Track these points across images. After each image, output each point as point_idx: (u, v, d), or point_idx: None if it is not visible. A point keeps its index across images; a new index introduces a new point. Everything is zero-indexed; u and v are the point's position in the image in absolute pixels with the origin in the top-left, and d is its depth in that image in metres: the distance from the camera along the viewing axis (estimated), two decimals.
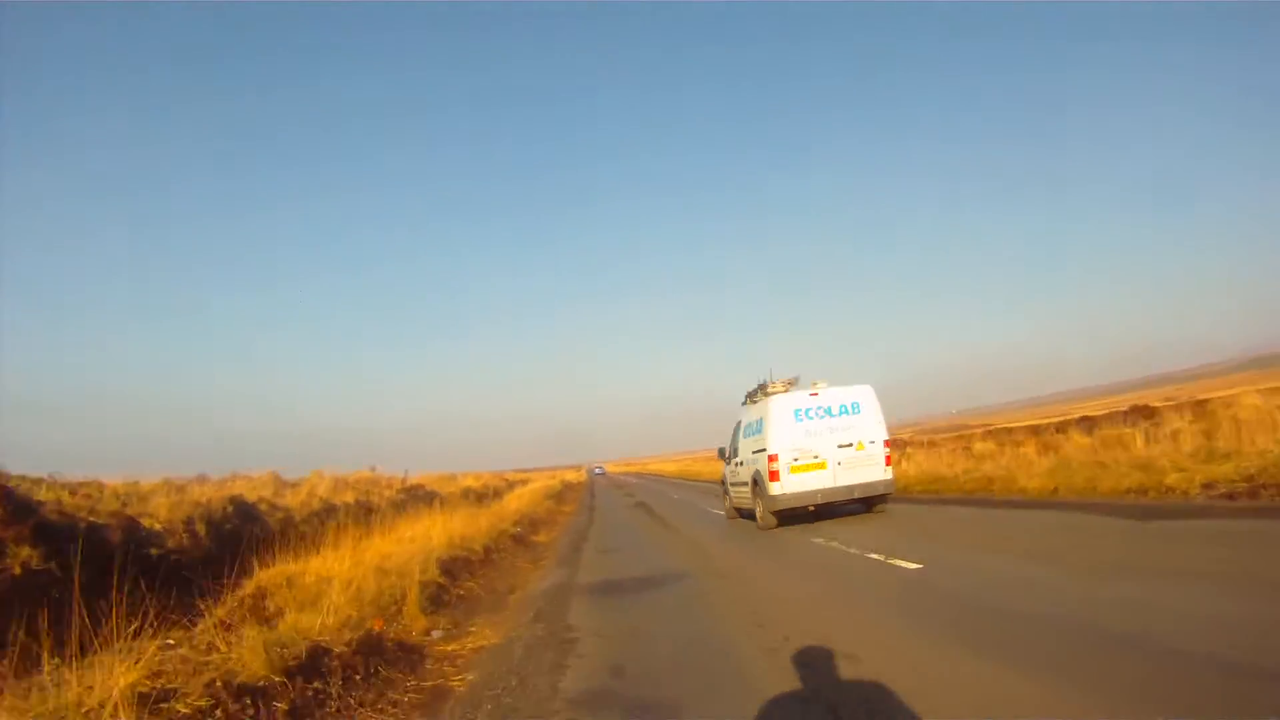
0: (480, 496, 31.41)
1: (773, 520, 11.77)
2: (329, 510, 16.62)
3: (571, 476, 75.66)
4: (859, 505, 11.98)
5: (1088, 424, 18.96)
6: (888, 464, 11.56)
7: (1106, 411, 23.85)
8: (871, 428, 11.53)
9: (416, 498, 24.60)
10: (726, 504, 15.16)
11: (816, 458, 11.34)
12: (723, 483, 15.85)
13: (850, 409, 11.56)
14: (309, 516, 16.45)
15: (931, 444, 24.47)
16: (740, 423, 13.77)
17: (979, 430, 31.77)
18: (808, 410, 11.51)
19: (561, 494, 37.85)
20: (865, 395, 11.73)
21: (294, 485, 20.65)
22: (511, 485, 47.96)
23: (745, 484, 13.00)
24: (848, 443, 11.38)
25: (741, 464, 13.44)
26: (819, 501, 11.40)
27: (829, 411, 11.51)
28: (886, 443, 11.61)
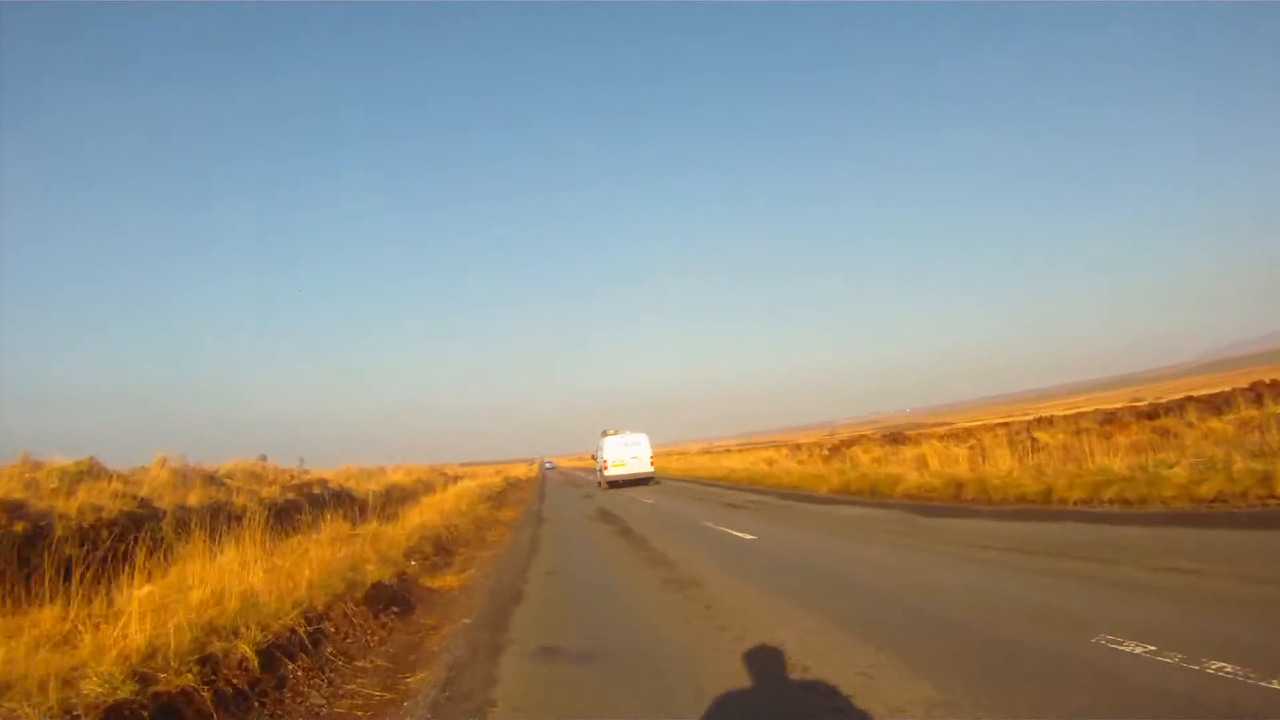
0: (402, 498, 25.33)
1: (606, 485, 30.52)
2: (109, 523, 10.40)
3: (520, 472, 69.36)
4: (644, 482, 31.12)
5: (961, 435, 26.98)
6: (651, 464, 31.13)
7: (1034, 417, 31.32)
8: (644, 449, 30.81)
9: (305, 501, 18.29)
10: (599, 478, 32.94)
11: (621, 461, 30.29)
12: (597, 472, 34.55)
13: (636, 441, 30.92)
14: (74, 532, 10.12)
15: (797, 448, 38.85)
16: (599, 445, 32.15)
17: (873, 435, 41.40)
18: (619, 442, 30.75)
19: (503, 494, 31.54)
20: (643, 436, 31.10)
21: (106, 477, 14.30)
22: (452, 481, 41.88)
23: (600, 471, 31.84)
24: (634, 455, 30.58)
25: (599, 463, 32.38)
26: (623, 478, 30.39)
27: (626, 442, 30.78)
28: (651, 459, 31.41)
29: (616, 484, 30.42)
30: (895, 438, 39.08)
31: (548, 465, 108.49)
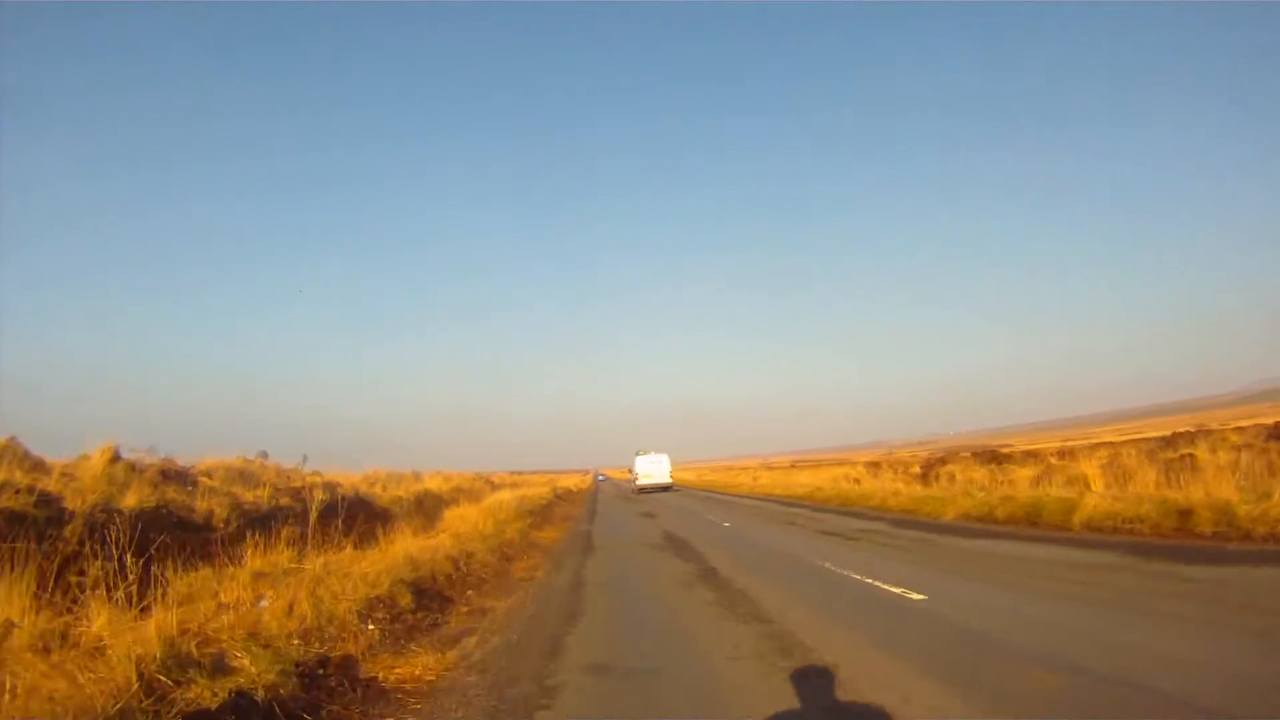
0: (436, 507, 21.76)
1: (636, 490, 41.86)
2: None
3: (572, 482, 65.45)
4: (666, 489, 42.47)
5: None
6: (669, 476, 43.49)
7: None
8: (665, 466, 43.37)
9: (300, 509, 14.63)
10: (632, 485, 44.66)
11: (649, 474, 42.30)
12: (632, 481, 45.55)
13: (659, 460, 43.52)
14: None
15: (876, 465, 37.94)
16: (634, 461, 44.96)
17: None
18: (647, 460, 43.34)
19: (548, 509, 27.45)
20: (664, 456, 43.99)
21: (20, 464, 10.87)
22: (497, 489, 38.41)
23: (634, 481, 43.67)
24: (658, 469, 43.06)
25: (633, 475, 45.02)
26: (649, 487, 41.46)
27: (653, 460, 43.33)
28: (670, 472, 44.20)
29: (645, 490, 41.95)
30: (993, 456, 33.93)
31: (601, 477, 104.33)
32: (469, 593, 9.25)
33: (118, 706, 3.29)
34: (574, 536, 17.48)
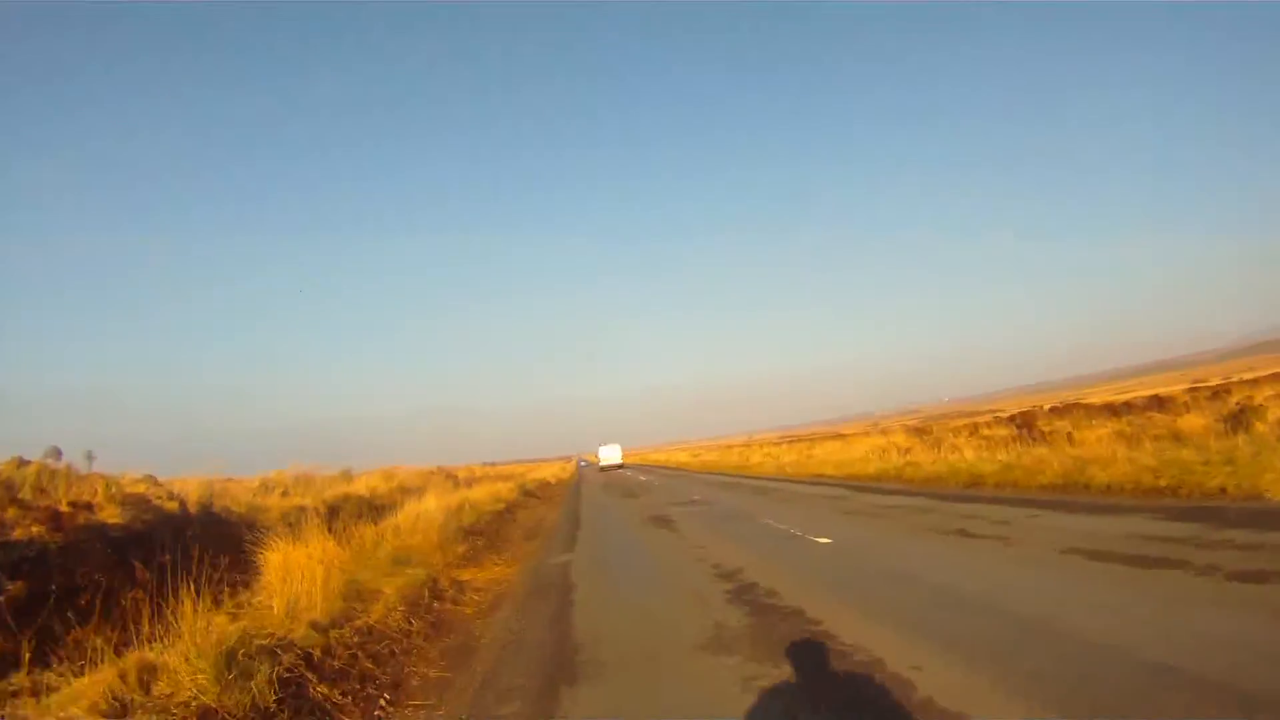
0: (362, 514, 14.15)
1: (601, 469, 63.35)
2: None
3: (550, 472, 57.32)
4: (620, 467, 62.47)
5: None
6: (622, 458, 67.23)
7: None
8: (617, 452, 67.36)
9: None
10: (599, 466, 65.40)
11: (608, 457, 66.19)
12: (589, 464, 79.06)
13: (615, 449, 67.98)
14: None
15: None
16: (599, 450, 70.04)
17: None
18: (607, 449, 68.23)
19: (505, 518, 19.19)
20: (616, 446, 68.57)
21: None
22: (464, 485, 30.52)
23: (598, 463, 68.16)
24: (615, 456, 66.66)
25: (597, 460, 69.56)
26: (609, 467, 63.35)
27: (610, 449, 67.97)
28: (623, 456, 68.49)
29: (607, 470, 60.37)
30: (1025, 420, 27.02)
31: (584, 463, 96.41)
32: None
33: None
34: (533, 591, 9.15)
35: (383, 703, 4.93)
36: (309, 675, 5.11)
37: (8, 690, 5.25)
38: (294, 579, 7.31)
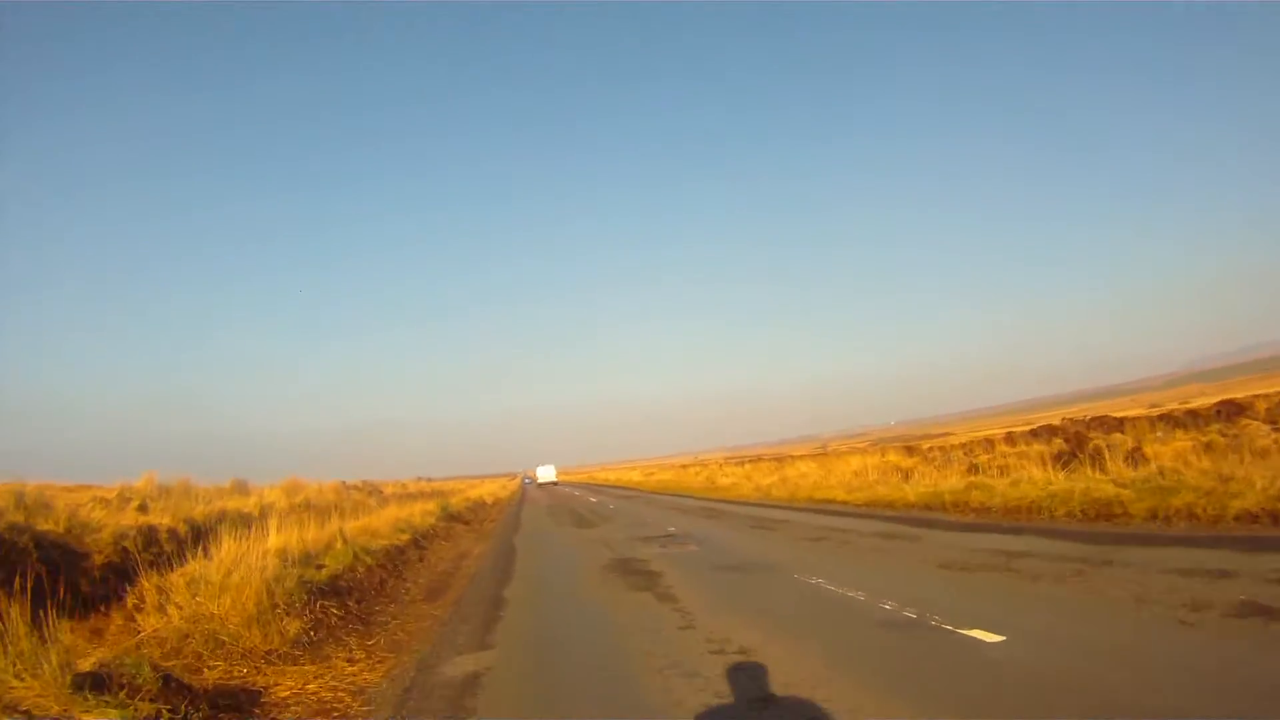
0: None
1: (537, 485, 76.57)
2: None
3: (489, 490, 51.18)
4: (553, 484, 74.75)
5: None
6: (558, 476, 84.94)
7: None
8: (552, 471, 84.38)
9: None
10: (535, 484, 79.77)
11: (544, 476, 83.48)
12: (532, 481, 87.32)
13: (550, 469, 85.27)
14: None
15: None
16: (536, 470, 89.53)
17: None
18: (543, 469, 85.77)
19: (387, 575, 13.54)
20: (552, 466, 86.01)
21: None
22: (386, 502, 25.43)
23: (536, 482, 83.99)
24: (550, 475, 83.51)
25: (536, 478, 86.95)
26: (545, 483, 78.06)
27: (546, 469, 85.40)
28: (558, 475, 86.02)
29: (542, 486, 73.03)
30: (1072, 434, 23.18)
31: (528, 481, 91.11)
32: None
33: None
34: None
35: None
36: None
37: None
38: None
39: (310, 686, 5.33)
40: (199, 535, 11.68)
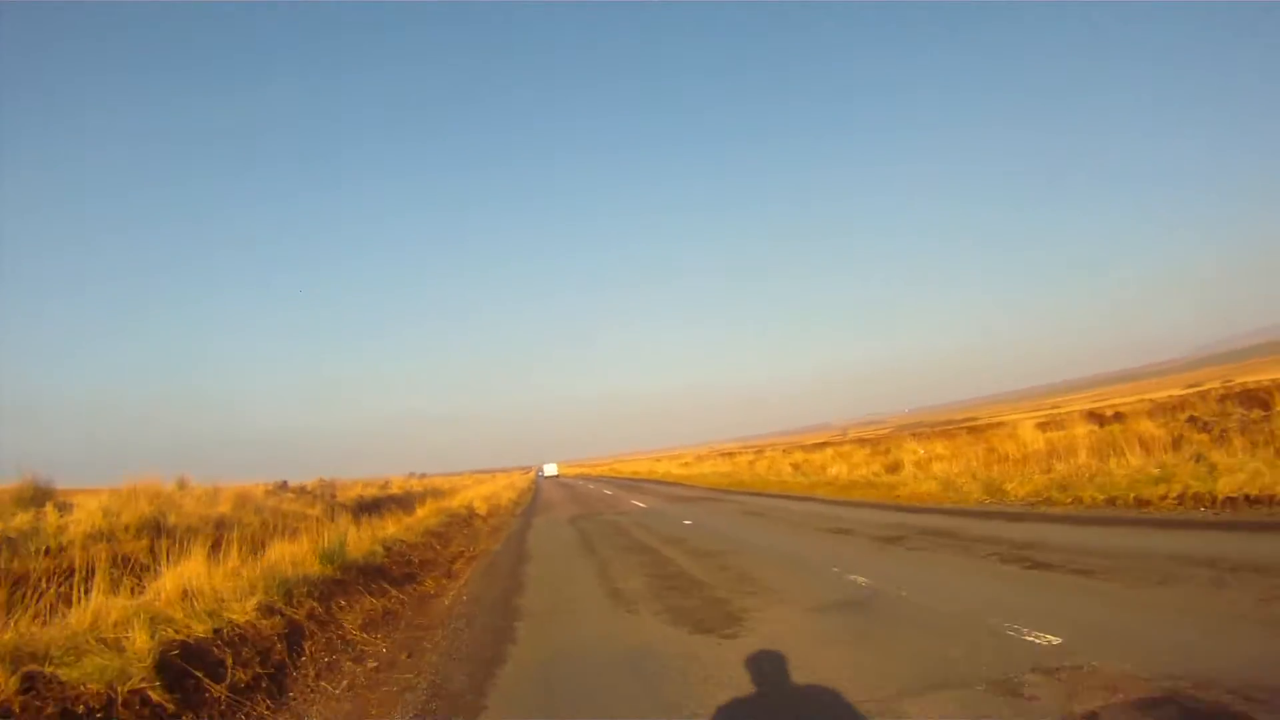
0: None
1: (543, 480, 70.64)
2: None
3: (500, 487, 40.13)
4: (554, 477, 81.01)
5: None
6: (559, 470, 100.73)
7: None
8: (554, 468, 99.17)
9: None
10: (540, 479, 74.82)
11: (550, 470, 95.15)
12: (540, 474, 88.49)
13: (552, 465, 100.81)
14: None
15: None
16: (541, 466, 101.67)
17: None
18: (548, 465, 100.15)
19: None
20: (554, 464, 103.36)
21: None
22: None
23: (543, 475, 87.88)
24: (552, 469, 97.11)
25: (541, 471, 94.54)
26: (549, 476, 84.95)
27: (549, 465, 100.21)
28: (560, 469, 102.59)
29: (546, 477, 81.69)
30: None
31: (542, 474, 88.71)
32: None
33: None
34: None
35: None
36: None
37: None
38: None
39: None
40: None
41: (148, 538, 12.96)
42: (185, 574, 7.03)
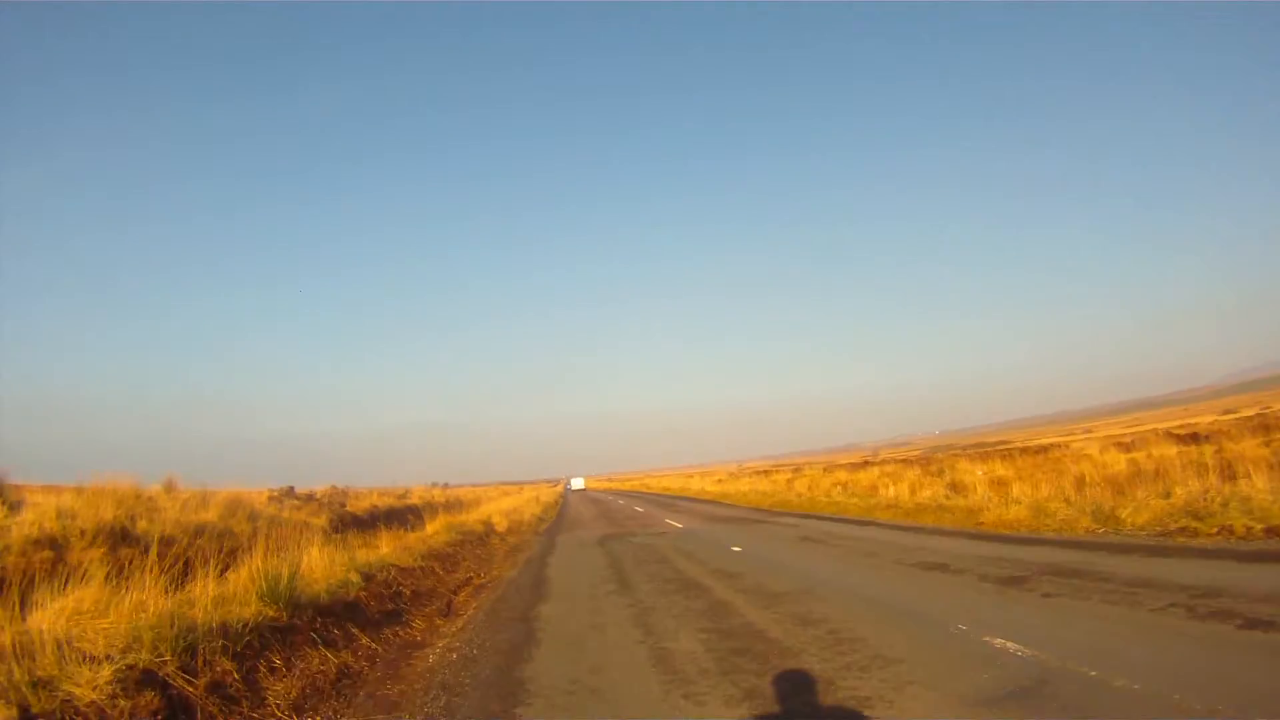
0: None
1: (570, 493, 70.75)
2: None
3: (524, 501, 38.13)
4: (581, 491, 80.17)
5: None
6: (586, 483, 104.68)
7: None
8: (581, 481, 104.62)
9: None
10: (568, 492, 75.83)
11: (577, 484, 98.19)
12: (567, 488, 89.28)
13: (580, 479, 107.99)
14: None
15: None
16: (569, 480, 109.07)
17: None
18: (575, 479, 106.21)
19: None
20: (581, 477, 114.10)
21: None
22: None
23: (569, 488, 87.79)
24: (579, 483, 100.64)
25: (569, 485, 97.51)
26: (575, 490, 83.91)
27: (577, 479, 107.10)
28: (585, 482, 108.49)
29: (574, 491, 78.65)
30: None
31: (570, 488, 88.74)
32: None
33: None
34: None
35: None
36: None
37: None
38: None
39: None
40: None
41: (105, 545, 11.18)
42: (67, 609, 5.14)
